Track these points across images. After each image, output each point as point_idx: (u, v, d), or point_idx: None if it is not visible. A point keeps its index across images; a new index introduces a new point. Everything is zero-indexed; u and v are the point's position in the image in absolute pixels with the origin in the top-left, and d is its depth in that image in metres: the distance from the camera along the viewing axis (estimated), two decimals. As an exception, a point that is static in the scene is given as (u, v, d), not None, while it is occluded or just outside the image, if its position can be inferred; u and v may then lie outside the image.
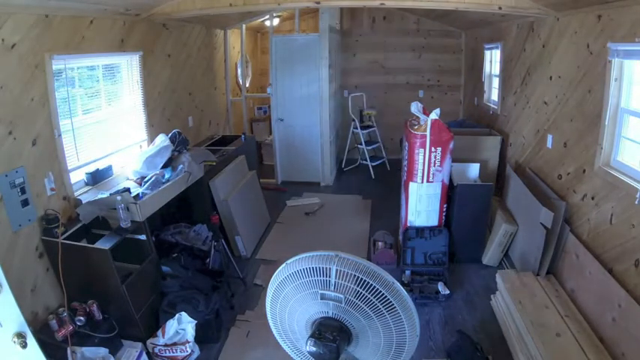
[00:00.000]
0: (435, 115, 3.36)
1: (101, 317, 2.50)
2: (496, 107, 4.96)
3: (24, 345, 1.45)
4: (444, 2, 3.32)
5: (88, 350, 2.28)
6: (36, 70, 2.51)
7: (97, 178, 3.12)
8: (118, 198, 2.66)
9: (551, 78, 3.45)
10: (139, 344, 2.56)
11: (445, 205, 3.65)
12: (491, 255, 3.68)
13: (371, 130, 6.48)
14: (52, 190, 2.62)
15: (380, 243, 3.89)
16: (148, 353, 2.59)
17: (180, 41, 4.41)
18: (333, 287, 1.50)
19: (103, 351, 2.33)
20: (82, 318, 2.41)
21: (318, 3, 3.52)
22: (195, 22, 4.58)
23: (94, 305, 2.47)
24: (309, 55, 5.52)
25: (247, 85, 6.89)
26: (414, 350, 1.57)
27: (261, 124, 7.44)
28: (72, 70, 2.93)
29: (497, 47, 4.91)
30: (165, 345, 2.57)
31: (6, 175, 2.27)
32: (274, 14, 5.85)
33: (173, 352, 2.59)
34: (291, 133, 5.84)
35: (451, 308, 3.18)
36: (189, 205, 3.68)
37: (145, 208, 2.78)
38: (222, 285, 3.16)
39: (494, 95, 5.20)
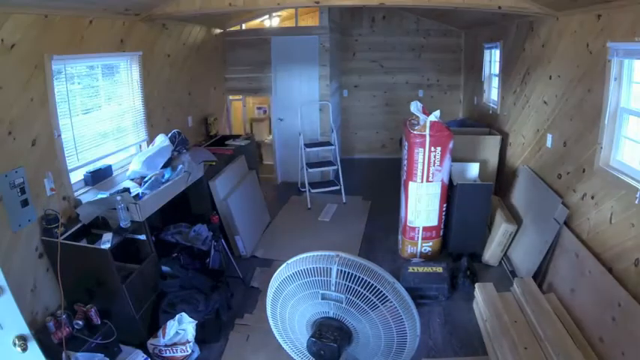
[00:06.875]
0: (434, 117, 3.36)
1: (99, 322, 2.47)
2: (496, 107, 4.96)
3: (24, 348, 1.45)
4: (444, 1, 3.31)
5: (82, 356, 2.26)
6: (35, 70, 2.50)
7: (96, 178, 3.11)
8: (118, 198, 2.66)
9: (550, 77, 3.45)
10: (140, 352, 2.53)
11: (445, 205, 3.65)
12: (491, 254, 3.68)
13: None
14: (51, 190, 2.61)
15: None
16: (148, 354, 2.58)
17: (180, 41, 4.41)
18: (333, 287, 1.50)
19: (98, 357, 2.31)
20: (80, 322, 2.39)
21: (317, 3, 3.51)
22: (195, 22, 4.58)
23: (92, 310, 2.45)
24: (308, 54, 5.52)
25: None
26: (415, 350, 1.57)
27: (261, 124, 7.42)
28: (71, 69, 2.92)
29: (496, 47, 4.91)
30: (166, 345, 2.57)
31: (6, 176, 2.27)
32: (274, 14, 5.85)
33: (173, 352, 2.58)
34: (290, 133, 5.83)
35: (451, 308, 3.18)
36: (189, 205, 3.67)
37: (144, 208, 2.77)
38: (222, 285, 3.16)
39: (494, 95, 5.20)
